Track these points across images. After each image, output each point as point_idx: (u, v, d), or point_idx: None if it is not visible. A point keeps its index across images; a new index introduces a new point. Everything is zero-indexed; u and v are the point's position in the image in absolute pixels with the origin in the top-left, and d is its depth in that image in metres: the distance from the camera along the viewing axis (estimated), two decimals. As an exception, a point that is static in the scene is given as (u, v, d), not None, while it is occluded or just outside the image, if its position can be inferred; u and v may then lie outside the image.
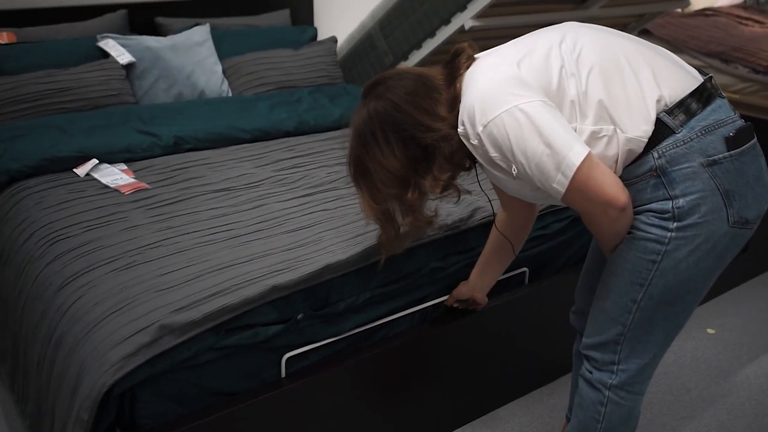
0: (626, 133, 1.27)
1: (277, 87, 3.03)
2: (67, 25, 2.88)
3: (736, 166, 1.27)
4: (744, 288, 2.87)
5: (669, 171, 1.27)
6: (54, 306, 1.61)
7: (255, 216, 1.95)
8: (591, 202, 1.26)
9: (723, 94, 1.34)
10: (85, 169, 2.22)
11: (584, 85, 1.27)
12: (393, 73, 1.41)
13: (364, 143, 1.40)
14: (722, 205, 1.27)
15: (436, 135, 1.34)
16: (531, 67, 1.29)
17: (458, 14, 2.85)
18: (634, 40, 1.36)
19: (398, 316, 1.82)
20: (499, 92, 1.25)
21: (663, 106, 1.27)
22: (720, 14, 5.00)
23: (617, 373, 1.44)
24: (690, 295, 1.36)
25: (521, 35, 1.44)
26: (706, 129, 1.27)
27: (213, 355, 1.54)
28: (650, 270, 1.32)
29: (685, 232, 1.28)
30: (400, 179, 1.39)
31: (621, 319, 1.39)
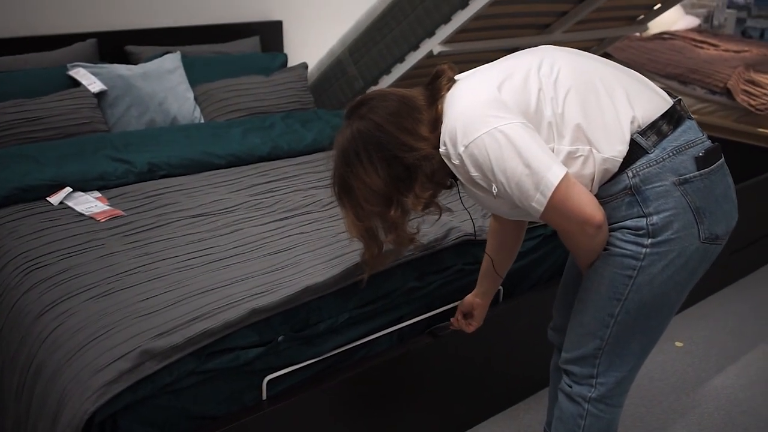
0: (602, 153, 1.32)
1: (249, 113, 3.06)
2: (36, 55, 2.88)
3: (706, 185, 1.33)
4: (709, 302, 2.95)
5: (643, 189, 1.32)
6: (33, 334, 1.60)
7: (232, 240, 1.96)
8: (568, 220, 1.31)
9: (692, 116, 1.40)
10: (59, 198, 2.21)
11: (561, 107, 1.32)
12: (376, 94, 1.44)
13: (347, 162, 1.43)
14: (693, 222, 1.33)
15: (417, 154, 1.38)
16: (510, 89, 1.34)
17: (426, 40, 2.91)
18: (609, 63, 1.43)
19: (377, 336, 1.84)
20: (479, 114, 1.30)
21: (636, 127, 1.33)
22: (677, 38, 5.19)
23: (596, 386, 1.48)
24: (665, 308, 1.42)
25: (488, 60, 1.48)
26: (677, 149, 1.33)
27: (194, 379, 1.54)
28: (626, 285, 1.37)
29: (660, 247, 1.33)
30: (383, 197, 1.42)
31: (599, 333, 1.43)
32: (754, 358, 2.55)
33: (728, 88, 4.36)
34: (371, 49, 3.12)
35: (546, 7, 3.04)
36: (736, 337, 2.69)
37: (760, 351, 2.59)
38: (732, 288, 3.07)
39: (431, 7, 2.79)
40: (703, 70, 4.54)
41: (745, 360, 2.54)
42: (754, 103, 4.25)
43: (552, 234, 2.18)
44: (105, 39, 3.13)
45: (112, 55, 3.13)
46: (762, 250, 3.21)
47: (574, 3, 3.11)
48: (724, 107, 4.49)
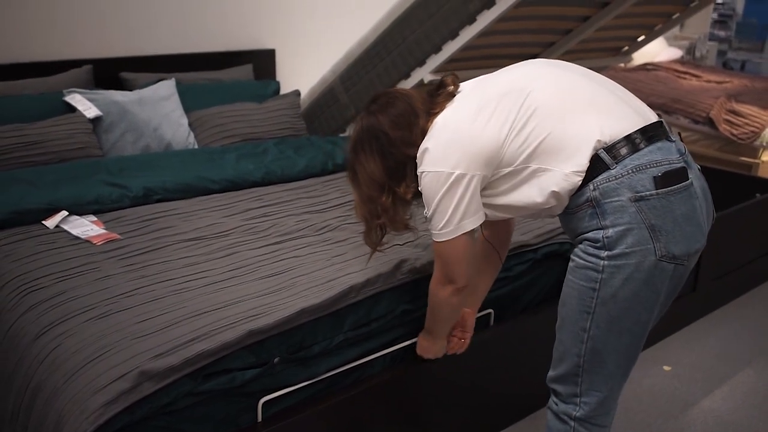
0: (563, 170, 1.41)
1: (242, 139, 3.10)
2: (32, 81, 2.92)
3: (663, 204, 1.37)
4: (695, 327, 3.00)
5: (602, 203, 1.39)
6: (30, 355, 1.61)
7: (228, 264, 1.99)
8: (442, 265, 1.58)
9: (672, 138, 1.46)
10: (55, 221, 2.23)
11: (526, 127, 1.43)
12: (390, 94, 1.63)
13: (355, 151, 1.64)
14: (649, 238, 1.37)
15: (406, 154, 1.57)
16: (484, 117, 1.47)
17: (417, 69, 2.98)
18: (593, 78, 1.51)
19: (371, 358, 1.86)
20: (442, 153, 1.48)
21: (602, 144, 1.40)
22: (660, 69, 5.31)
23: (580, 405, 1.52)
24: (636, 326, 1.46)
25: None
26: (637, 167, 1.38)
27: (190, 400, 1.56)
28: (592, 298, 1.43)
29: (616, 260, 1.39)
30: (378, 184, 1.61)
31: (575, 349, 1.49)
32: (740, 382, 2.59)
33: (711, 118, 4.46)
34: (363, 77, 3.18)
35: (533, 38, 3.13)
36: (722, 361, 2.73)
37: (746, 374, 2.64)
38: (717, 313, 3.12)
39: (422, 37, 2.86)
40: (686, 100, 4.64)
41: (732, 383, 2.58)
42: (736, 132, 4.35)
43: (541, 259, 2.23)
44: (100, 65, 3.17)
45: (107, 81, 3.18)
46: (745, 277, 3.27)
47: (561, 34, 3.19)
48: (707, 136, 4.59)
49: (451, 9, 2.72)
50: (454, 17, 2.72)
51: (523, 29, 2.98)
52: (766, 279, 3.47)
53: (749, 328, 2.99)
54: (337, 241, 2.17)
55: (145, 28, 3.35)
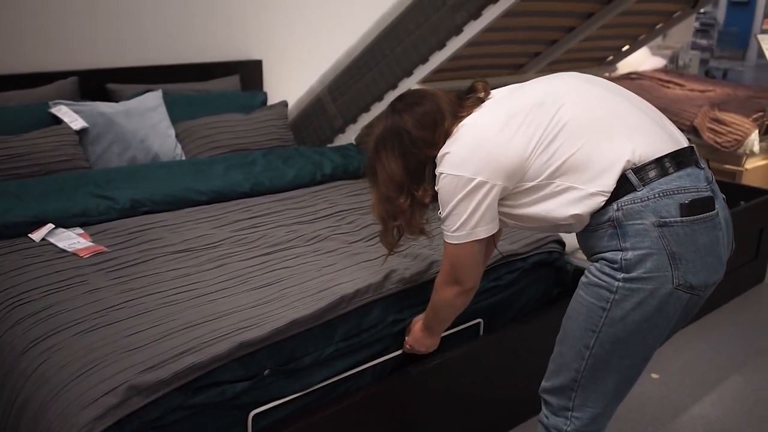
0: (587, 189, 1.38)
1: (230, 150, 3.10)
2: (18, 92, 2.90)
3: (686, 232, 1.34)
4: (683, 334, 3.01)
5: (624, 224, 1.36)
6: (17, 370, 1.59)
7: (217, 275, 1.98)
8: (450, 267, 1.56)
9: (702, 165, 1.43)
10: (41, 234, 2.21)
11: (555, 143, 1.40)
12: (418, 93, 1.62)
13: (377, 149, 1.62)
14: (668, 266, 1.34)
15: (428, 155, 1.55)
16: (512, 128, 1.44)
17: (405, 79, 2.99)
18: (624, 96, 1.48)
19: (362, 368, 1.86)
20: (465, 158, 1.45)
21: (631, 164, 1.37)
22: (644, 78, 5.36)
23: (571, 419, 1.51)
24: (640, 350, 1.43)
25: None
26: (664, 192, 1.35)
27: (180, 414, 1.54)
28: (601, 317, 1.40)
29: (632, 283, 1.36)
30: (397, 185, 1.59)
31: (574, 364, 1.47)
32: (729, 388, 2.60)
33: (695, 127, 4.50)
34: (350, 87, 3.19)
35: (520, 49, 3.15)
36: (711, 367, 2.75)
37: (734, 381, 2.65)
38: (705, 320, 3.14)
39: (409, 47, 2.87)
40: (670, 109, 4.68)
41: (720, 389, 2.59)
42: (720, 140, 4.39)
43: (530, 268, 2.24)
44: (86, 77, 3.16)
45: (93, 92, 3.16)
46: (732, 284, 3.30)
47: (547, 44, 3.22)
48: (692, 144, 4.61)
49: (438, 20, 2.73)
50: (441, 28, 2.74)
51: (510, 40, 3.00)
52: (753, 285, 3.50)
53: (737, 335, 3.01)
54: (327, 252, 2.17)
55: (132, 40, 3.34)
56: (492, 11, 2.59)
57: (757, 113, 4.41)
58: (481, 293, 2.10)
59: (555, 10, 2.89)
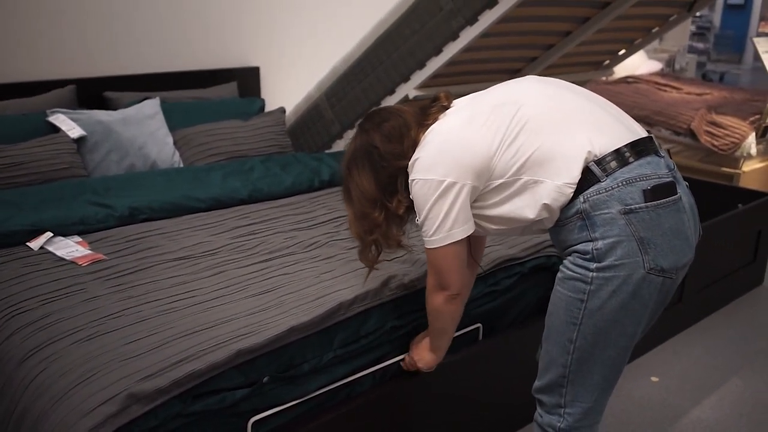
0: (554, 182, 1.43)
1: (228, 157, 3.10)
2: (16, 101, 2.90)
3: (651, 217, 1.38)
4: (681, 337, 3.02)
5: (591, 215, 1.41)
6: (16, 380, 1.59)
7: (215, 282, 1.98)
8: (435, 274, 1.59)
9: (662, 153, 1.48)
10: (39, 243, 2.21)
11: (518, 141, 1.45)
12: (383, 110, 1.67)
13: (349, 169, 1.67)
14: (638, 251, 1.38)
15: (398, 167, 1.60)
16: (475, 127, 1.50)
17: (402, 85, 3.00)
18: (583, 94, 1.54)
19: (361, 375, 1.86)
20: (434, 161, 1.50)
21: (593, 156, 1.42)
22: (641, 81, 5.37)
23: (564, 416, 1.53)
24: (621, 338, 1.46)
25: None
26: (627, 180, 1.40)
27: (180, 422, 1.54)
28: (580, 309, 1.44)
29: (605, 272, 1.40)
30: (370, 199, 1.63)
31: (561, 360, 1.50)
32: (728, 391, 2.61)
33: (692, 130, 4.52)
34: (348, 93, 3.20)
35: (516, 53, 3.16)
36: (710, 370, 2.75)
37: (733, 384, 2.65)
38: (703, 323, 3.14)
39: (406, 53, 2.88)
40: (667, 113, 4.70)
41: (720, 393, 2.59)
42: (717, 143, 4.40)
43: (529, 272, 2.24)
44: (84, 85, 3.16)
45: (90, 101, 3.17)
46: (730, 287, 3.30)
47: (543, 49, 3.23)
48: (688, 148, 4.64)
49: (434, 26, 2.74)
50: (438, 33, 2.74)
51: (506, 45, 3.01)
52: (751, 288, 3.50)
53: (735, 338, 3.01)
54: (326, 258, 2.17)
55: (129, 47, 3.35)
56: (488, 17, 2.60)
57: (754, 116, 4.42)
58: (480, 298, 2.10)
59: (551, 15, 2.90)
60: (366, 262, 1.77)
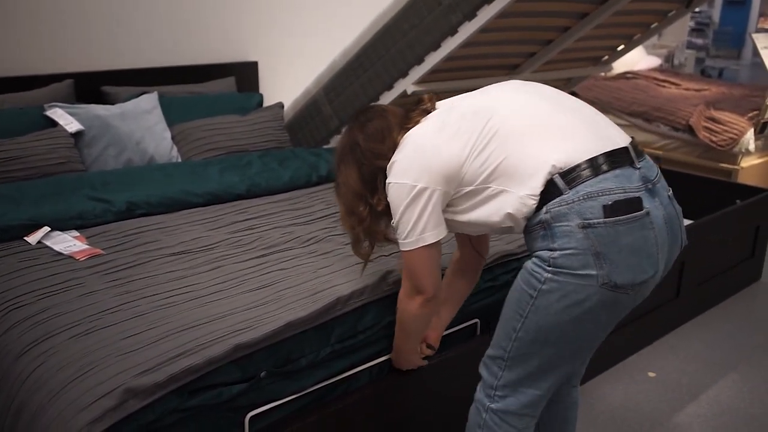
0: (518, 192, 1.44)
1: (226, 152, 3.10)
2: (13, 95, 2.89)
3: (609, 233, 1.38)
4: (678, 333, 3.02)
5: (553, 226, 1.41)
6: (13, 374, 1.59)
7: (213, 277, 1.98)
8: (409, 278, 1.62)
9: (638, 165, 1.46)
10: (37, 237, 2.21)
11: (487, 149, 1.47)
12: (369, 110, 1.71)
13: (338, 165, 1.72)
14: (593, 265, 1.38)
15: (379, 166, 1.63)
16: (448, 135, 1.53)
17: (400, 80, 2.99)
18: (562, 103, 1.53)
19: (358, 370, 1.86)
20: (408, 166, 1.54)
21: (557, 169, 1.42)
22: (640, 77, 5.37)
23: (494, 397, 1.57)
24: (562, 342, 1.47)
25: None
26: (589, 194, 1.39)
27: (177, 416, 1.54)
28: (528, 303, 1.46)
29: (558, 277, 1.41)
30: (356, 195, 1.68)
31: (503, 343, 1.54)
32: (725, 387, 2.61)
33: (690, 125, 4.52)
34: (346, 88, 3.19)
35: (515, 49, 3.15)
36: (707, 366, 2.75)
37: (730, 380, 2.66)
38: (701, 318, 3.15)
39: (405, 48, 2.88)
40: (665, 108, 4.70)
41: (717, 388, 2.60)
42: (715, 139, 4.40)
43: (526, 267, 2.23)
44: (82, 79, 3.15)
45: (88, 95, 3.16)
46: (728, 282, 3.31)
47: (542, 45, 3.22)
48: (687, 143, 4.64)
49: (433, 20, 2.73)
50: (436, 28, 2.74)
51: (505, 40, 3.00)
52: (749, 284, 3.51)
53: (733, 333, 3.02)
54: (323, 253, 2.17)
55: (127, 42, 3.34)
56: (487, 12, 2.59)
57: (753, 112, 4.42)
58: (478, 293, 2.10)
59: (550, 11, 2.90)
60: (360, 255, 1.79)
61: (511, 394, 1.55)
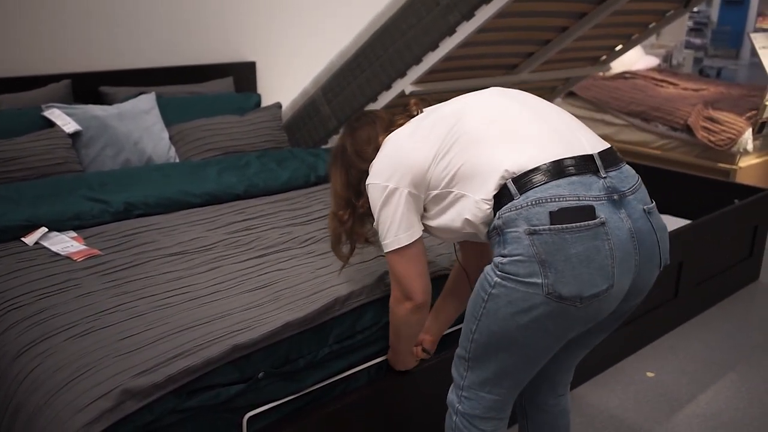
0: (474, 197, 1.44)
1: (224, 152, 3.09)
2: (10, 96, 2.89)
3: (555, 240, 1.32)
4: (677, 333, 3.02)
5: (504, 231, 1.39)
6: (10, 375, 1.59)
7: (211, 278, 1.98)
8: (397, 282, 1.62)
9: (602, 174, 1.39)
10: (34, 238, 2.20)
11: (450, 154, 1.49)
12: (360, 115, 1.75)
13: (330, 168, 1.78)
14: (538, 273, 1.33)
15: (361, 170, 1.68)
16: (419, 138, 1.55)
17: (398, 80, 2.99)
18: (531, 108, 1.51)
19: (356, 370, 1.86)
20: (385, 167, 1.57)
21: (511, 174, 1.39)
22: (638, 77, 5.37)
23: (462, 399, 1.56)
24: (514, 348, 1.43)
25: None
26: (537, 200, 1.35)
27: (175, 417, 1.54)
28: (481, 306, 1.44)
29: (506, 282, 1.37)
30: (342, 198, 1.74)
31: (464, 343, 1.52)
32: (724, 387, 2.61)
33: (688, 125, 4.52)
34: (344, 88, 3.18)
35: (513, 49, 3.15)
36: (706, 365, 2.75)
37: (729, 380, 2.66)
38: (699, 318, 3.15)
39: (403, 48, 2.87)
40: (664, 108, 4.70)
41: (715, 388, 2.60)
42: (714, 139, 4.41)
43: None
44: (79, 80, 3.15)
45: (86, 95, 3.16)
46: (726, 282, 3.31)
47: (540, 44, 3.22)
48: (685, 143, 4.64)
49: (431, 21, 2.73)
50: (435, 29, 2.73)
51: (503, 40, 3.00)
52: (747, 283, 3.51)
53: (731, 333, 3.02)
54: (321, 254, 2.17)
55: (125, 42, 3.34)
56: (485, 12, 2.59)
57: (751, 112, 4.42)
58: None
59: (548, 11, 2.90)
60: (339, 256, 1.84)
61: (474, 397, 1.54)
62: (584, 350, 1.64)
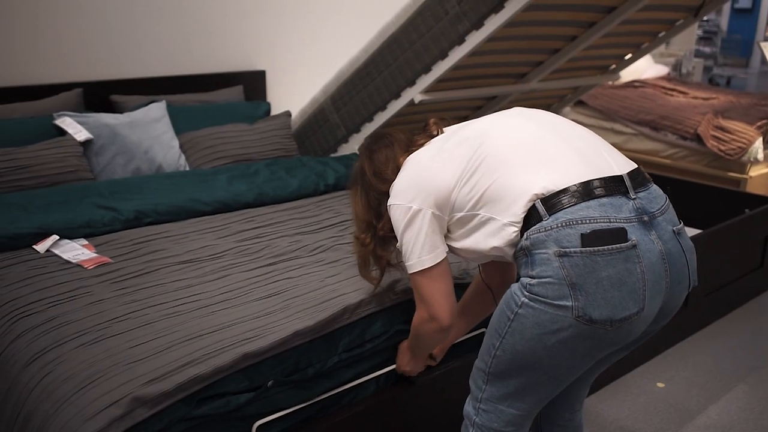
0: (501, 219, 1.42)
1: (233, 160, 3.11)
2: (22, 104, 2.91)
3: (586, 263, 1.31)
4: (687, 343, 3.00)
5: (532, 252, 1.37)
6: (21, 383, 1.59)
7: (221, 286, 1.98)
8: (422, 303, 1.59)
9: (632, 196, 1.38)
10: (45, 246, 2.21)
11: (475, 176, 1.47)
12: (378, 135, 1.74)
13: (351, 192, 1.78)
14: (568, 295, 1.32)
15: (381, 192, 1.68)
16: (443, 159, 1.54)
17: (408, 89, 3.00)
18: (555, 129, 1.49)
19: (366, 379, 1.86)
20: (407, 188, 1.56)
21: (540, 195, 1.38)
22: (647, 85, 5.36)
23: (479, 411, 1.54)
24: (539, 367, 1.41)
25: (467, 108, 1.65)
26: (568, 222, 1.33)
27: (184, 425, 1.54)
28: (506, 324, 1.42)
29: (534, 304, 1.35)
30: (363, 221, 1.73)
31: (486, 357, 1.50)
32: (734, 398, 2.59)
33: (698, 134, 4.50)
34: (354, 97, 3.20)
35: (522, 58, 3.15)
36: (716, 376, 2.74)
37: (740, 390, 2.64)
38: (710, 329, 3.13)
39: (412, 57, 2.88)
40: (673, 117, 4.69)
41: (726, 399, 2.58)
42: (724, 148, 4.39)
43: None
44: (90, 88, 3.17)
45: (97, 104, 3.18)
46: (737, 292, 3.29)
47: (549, 53, 3.22)
48: (695, 152, 4.63)
49: (440, 30, 2.74)
50: (444, 38, 2.74)
51: (512, 49, 3.00)
52: (758, 294, 3.49)
53: (742, 343, 3.00)
54: (331, 262, 2.17)
55: (135, 51, 3.36)
56: (494, 21, 2.60)
57: (761, 121, 4.41)
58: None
59: (557, 20, 2.90)
60: (368, 279, 1.84)
61: (493, 411, 1.52)
62: (605, 366, 1.62)
